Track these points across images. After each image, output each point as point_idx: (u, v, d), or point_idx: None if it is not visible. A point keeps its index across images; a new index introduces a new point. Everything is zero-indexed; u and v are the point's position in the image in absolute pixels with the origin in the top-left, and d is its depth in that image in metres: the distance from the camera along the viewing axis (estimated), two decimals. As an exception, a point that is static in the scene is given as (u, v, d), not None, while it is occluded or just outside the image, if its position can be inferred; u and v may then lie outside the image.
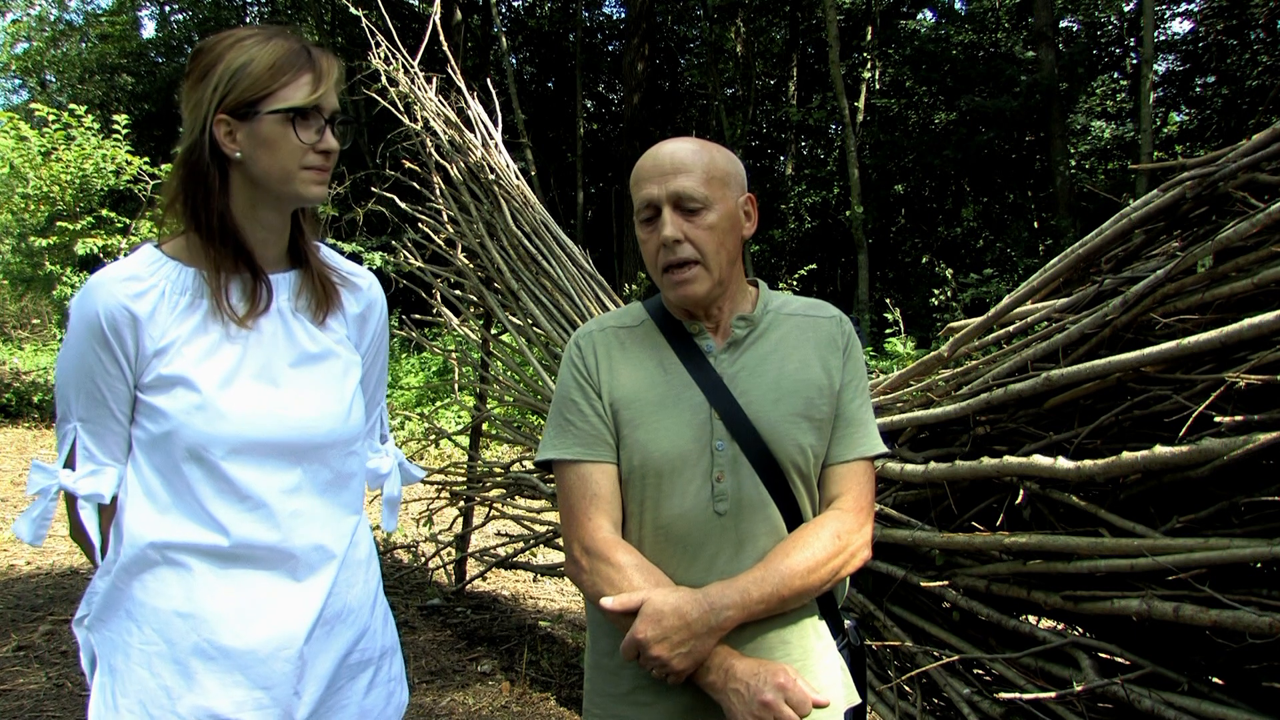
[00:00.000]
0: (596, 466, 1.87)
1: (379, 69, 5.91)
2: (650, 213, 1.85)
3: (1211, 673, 2.62)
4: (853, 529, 1.82)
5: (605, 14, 29.02)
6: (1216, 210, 2.88)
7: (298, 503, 1.77)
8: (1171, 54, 21.05)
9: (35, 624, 5.33)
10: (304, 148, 1.71)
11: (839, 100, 18.63)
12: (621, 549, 1.81)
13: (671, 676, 1.69)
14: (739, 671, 1.67)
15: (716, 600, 1.70)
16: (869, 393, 1.97)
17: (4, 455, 10.61)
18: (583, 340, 1.97)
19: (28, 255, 14.01)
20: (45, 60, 30.68)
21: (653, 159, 1.88)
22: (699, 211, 1.83)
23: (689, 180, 1.83)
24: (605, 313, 2.05)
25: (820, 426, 1.86)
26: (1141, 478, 2.63)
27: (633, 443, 1.85)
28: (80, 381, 1.71)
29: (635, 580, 1.76)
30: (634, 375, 1.90)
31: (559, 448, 1.90)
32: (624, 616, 1.72)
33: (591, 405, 1.89)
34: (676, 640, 1.67)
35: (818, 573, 1.76)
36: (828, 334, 1.93)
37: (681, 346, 1.91)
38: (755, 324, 1.92)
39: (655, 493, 1.84)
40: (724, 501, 1.81)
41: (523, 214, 5.32)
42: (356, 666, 1.89)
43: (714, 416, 1.83)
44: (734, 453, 1.82)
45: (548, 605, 6.22)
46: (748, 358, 1.89)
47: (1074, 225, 16.01)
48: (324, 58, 1.75)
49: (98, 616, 1.77)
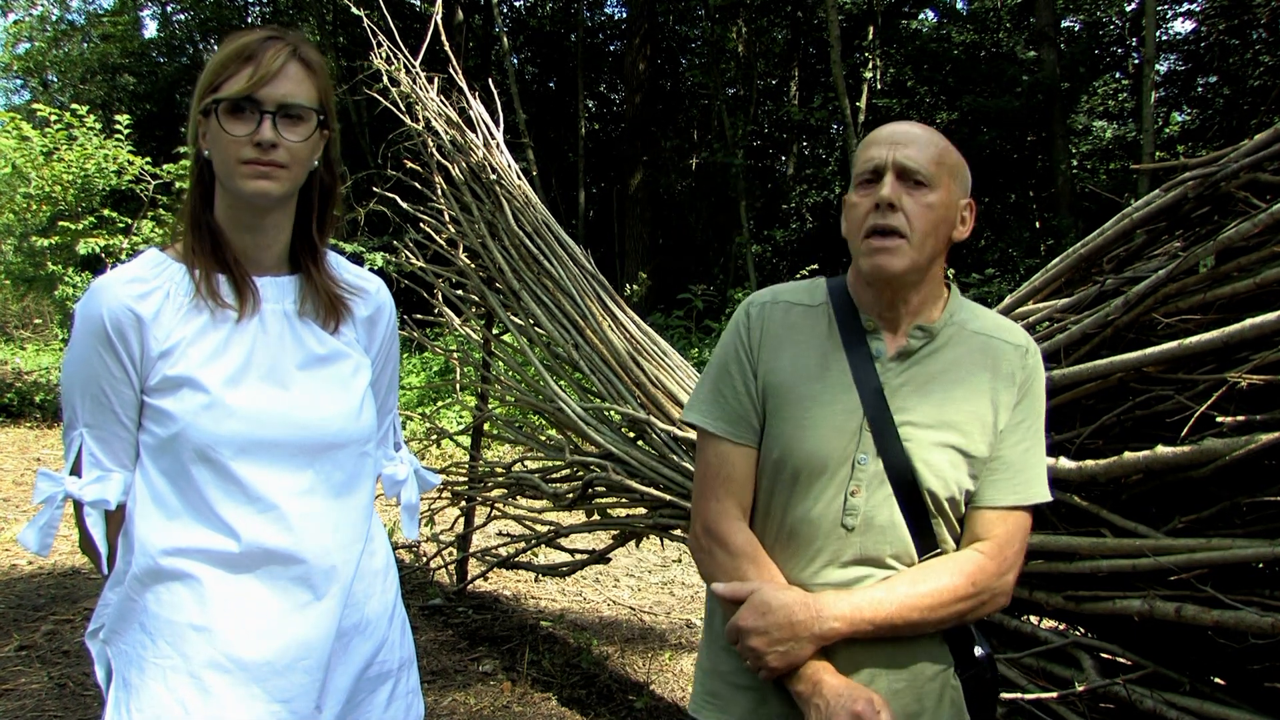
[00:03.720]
0: (736, 448, 1.83)
1: (380, 69, 5.91)
2: (871, 175, 1.76)
3: (1214, 673, 2.62)
4: (991, 575, 1.74)
5: (606, 14, 28.99)
6: (1218, 210, 2.88)
7: (310, 505, 1.74)
8: (1173, 54, 21.02)
9: (37, 624, 5.33)
10: (238, 141, 1.67)
11: (840, 100, 18.59)
12: (743, 537, 1.79)
13: (764, 672, 1.68)
14: (825, 688, 1.64)
15: (826, 609, 1.67)
16: (1043, 435, 1.85)
17: (6, 455, 10.61)
18: (754, 309, 1.89)
19: (29, 255, 14.00)
20: (47, 60, 30.67)
21: (888, 130, 1.79)
22: (922, 186, 1.73)
23: (921, 154, 1.74)
24: (787, 283, 1.97)
25: (974, 464, 1.76)
26: (1143, 478, 2.63)
27: (776, 434, 1.80)
28: (86, 386, 1.70)
29: (749, 572, 1.74)
30: (797, 361, 1.82)
31: (707, 416, 1.86)
32: (732, 603, 1.71)
33: (746, 381, 1.84)
34: (776, 637, 1.65)
35: (940, 611, 1.70)
36: (1008, 365, 1.80)
37: (853, 341, 1.81)
38: (933, 337, 1.80)
39: (788, 490, 1.79)
40: (854, 516, 1.74)
41: (524, 214, 5.32)
42: (376, 679, 1.87)
43: (865, 427, 1.74)
44: (877, 470, 1.74)
45: (549, 605, 6.22)
46: (916, 372, 1.78)
47: (1075, 225, 15.99)
48: (274, 47, 1.70)
49: (111, 629, 1.75)
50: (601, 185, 27.71)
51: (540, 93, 29.07)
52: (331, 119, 1.80)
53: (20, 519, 7.76)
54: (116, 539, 1.76)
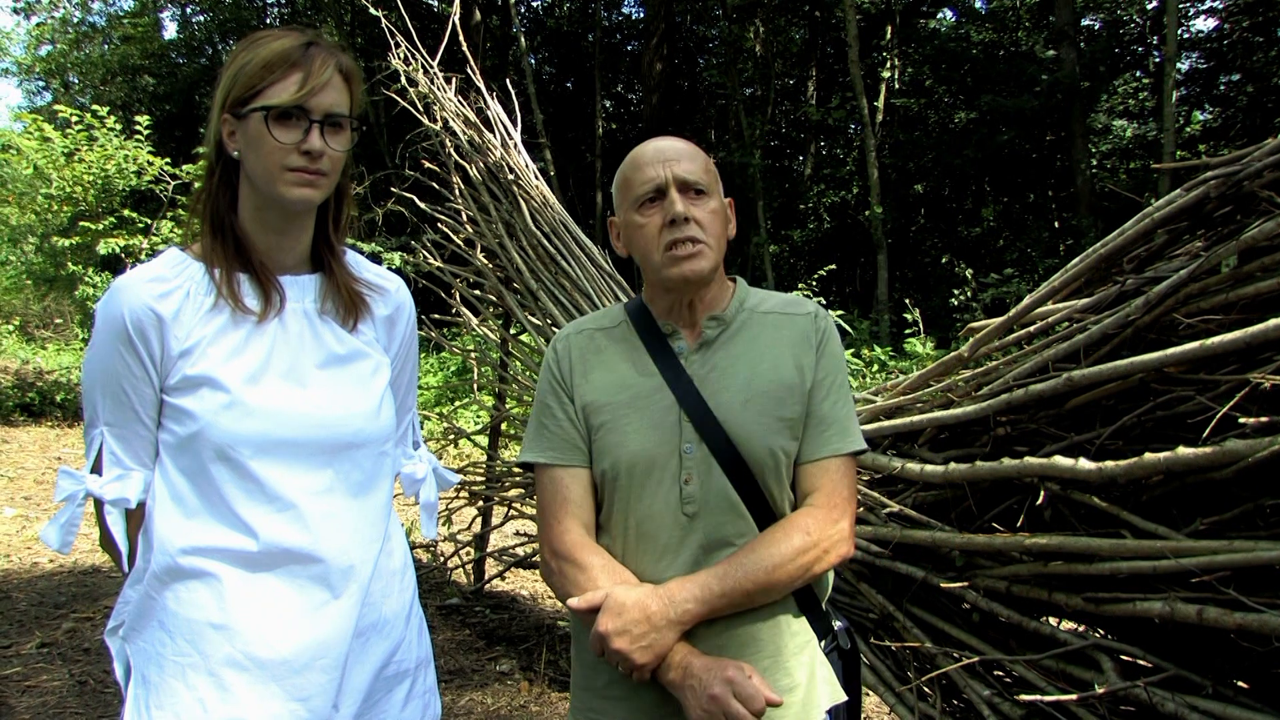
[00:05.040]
0: (567, 471, 1.91)
1: (398, 69, 5.92)
2: (653, 194, 1.86)
3: (1236, 676, 2.59)
4: (824, 524, 1.81)
5: (624, 14, 29.04)
6: (1241, 210, 2.85)
7: (329, 504, 1.75)
8: (1195, 51, 20.87)
9: (58, 621, 5.37)
10: (285, 148, 1.69)
11: (858, 100, 18.59)
12: (589, 550, 1.84)
13: (635, 671, 1.70)
14: (696, 668, 1.68)
15: (676, 594, 1.72)
16: (848, 389, 1.97)
17: (28, 454, 10.69)
18: (559, 344, 2.01)
19: (50, 255, 14.11)
20: (69, 62, 30.95)
21: (653, 148, 1.92)
22: (702, 195, 1.87)
23: (693, 165, 1.88)
24: (585, 315, 2.07)
25: (792, 426, 1.86)
26: (1164, 479, 2.61)
27: (604, 446, 1.88)
28: (106, 385, 1.70)
29: (601, 580, 1.78)
30: (606, 378, 1.92)
31: (534, 450, 1.95)
32: (591, 614, 1.74)
33: (564, 410, 1.92)
34: (637, 633, 1.68)
35: (784, 568, 1.76)
36: (802, 331, 1.93)
37: (655, 347, 1.92)
38: (728, 323, 1.93)
39: (626, 494, 1.86)
40: (692, 504, 1.82)
41: (542, 214, 5.33)
42: (393, 679, 1.88)
43: (683, 418, 1.84)
44: (703, 454, 1.82)
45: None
46: (719, 358, 1.89)
47: (1095, 225, 15.93)
48: (321, 56, 1.72)
49: (131, 627, 1.76)
50: (619, 185, 27.70)
51: (557, 93, 29.13)
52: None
53: (42, 517, 7.83)
54: (137, 537, 1.77)
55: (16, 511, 8.00)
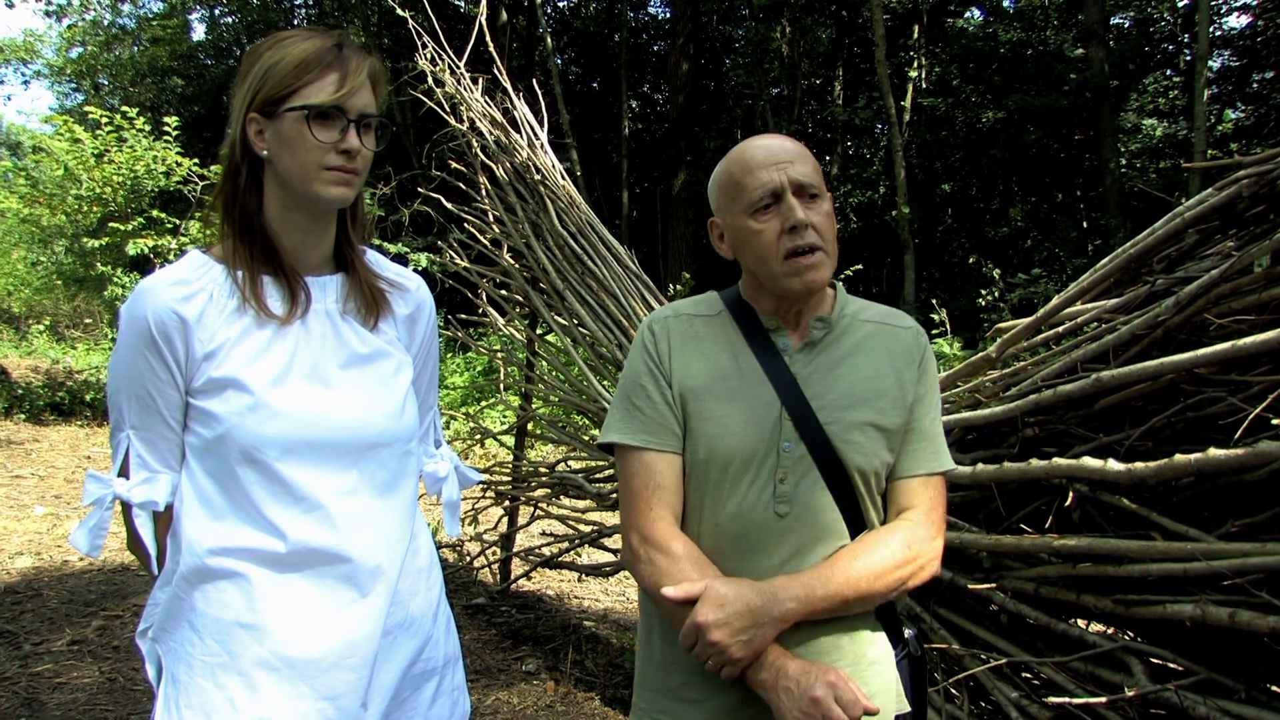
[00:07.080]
0: (661, 456, 1.85)
1: (425, 70, 5.95)
2: (770, 199, 1.81)
3: (1269, 680, 2.57)
4: (924, 539, 1.80)
5: (650, 14, 29.01)
6: (1274, 209, 2.83)
7: (355, 504, 1.75)
8: (1227, 49, 20.65)
9: (88, 619, 5.42)
10: (323, 147, 1.70)
11: (885, 99, 18.50)
12: (679, 540, 1.80)
13: (728, 667, 1.67)
14: (791, 670, 1.65)
15: (780, 591, 1.69)
16: (940, 408, 1.94)
17: (58, 453, 10.80)
18: (657, 325, 1.94)
19: (80, 256, 14.26)
20: (99, 64, 31.23)
21: (763, 149, 1.85)
22: (817, 199, 1.83)
23: (806, 168, 1.83)
24: (680, 300, 2.03)
25: (889, 438, 1.83)
26: (1195, 480, 2.59)
27: (700, 435, 1.83)
28: (132, 388, 1.71)
29: (690, 572, 1.74)
30: (706, 365, 1.87)
31: (625, 432, 1.88)
32: (682, 607, 1.70)
33: (661, 392, 1.86)
34: (738, 626, 1.65)
35: (884, 579, 1.75)
36: (904, 345, 1.90)
37: (757, 341, 1.88)
38: (832, 327, 1.89)
39: (718, 488, 1.81)
40: (785, 504, 1.78)
41: (568, 214, 5.33)
42: (420, 677, 1.88)
43: (784, 416, 1.80)
44: (801, 454, 1.79)
45: (592, 605, 6.23)
46: (822, 360, 1.86)
47: (1124, 225, 15.79)
48: (355, 58, 1.74)
49: (161, 627, 1.77)
50: (645, 185, 27.75)
51: (584, 93, 29.17)
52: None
53: (72, 516, 7.90)
54: (165, 539, 1.78)
55: (47, 510, 8.08)
